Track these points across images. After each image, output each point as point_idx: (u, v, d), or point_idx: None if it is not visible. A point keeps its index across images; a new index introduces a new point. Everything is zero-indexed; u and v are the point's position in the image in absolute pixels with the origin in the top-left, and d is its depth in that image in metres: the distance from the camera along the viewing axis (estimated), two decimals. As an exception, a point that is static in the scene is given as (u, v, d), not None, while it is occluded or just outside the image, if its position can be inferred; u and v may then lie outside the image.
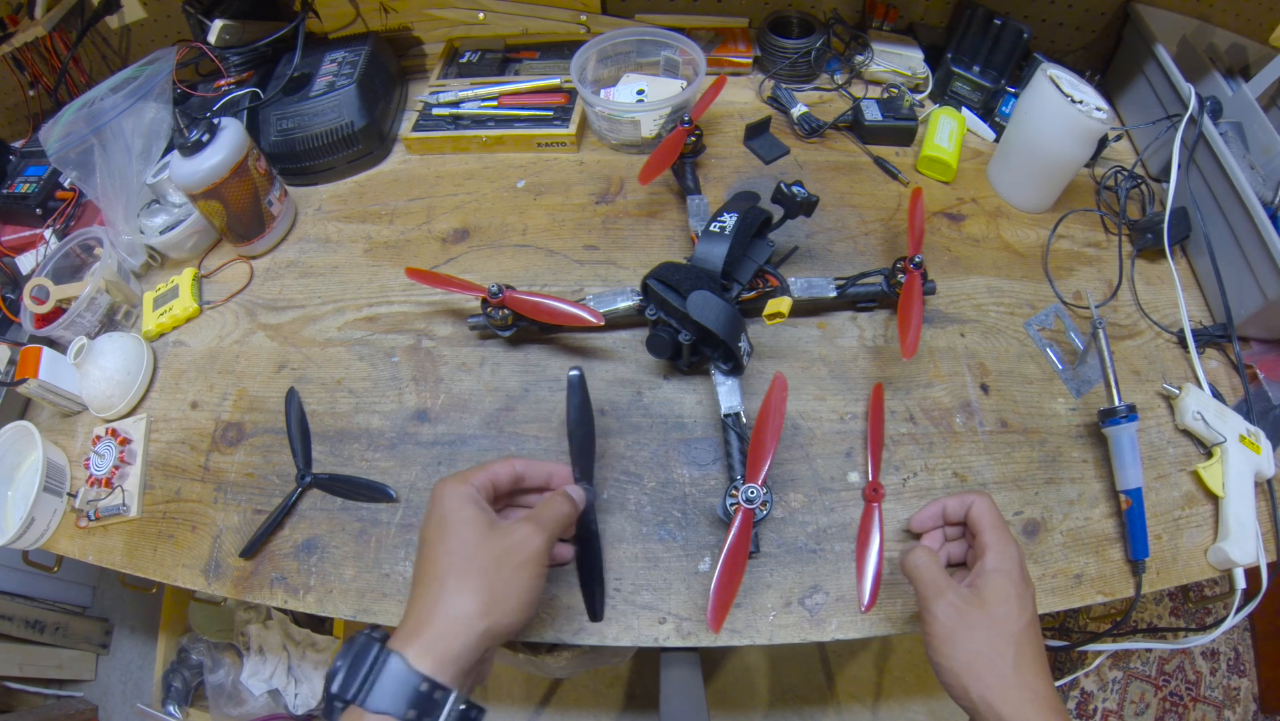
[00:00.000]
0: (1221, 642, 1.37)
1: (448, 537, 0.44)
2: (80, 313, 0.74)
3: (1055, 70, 0.75)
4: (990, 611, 0.45)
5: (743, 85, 0.97)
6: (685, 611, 0.59)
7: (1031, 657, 0.44)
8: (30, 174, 0.91)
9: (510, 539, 0.44)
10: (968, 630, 0.45)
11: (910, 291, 0.64)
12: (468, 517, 0.44)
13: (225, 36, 0.85)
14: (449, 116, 0.90)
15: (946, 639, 0.46)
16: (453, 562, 0.43)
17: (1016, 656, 0.44)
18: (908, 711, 1.28)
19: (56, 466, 0.69)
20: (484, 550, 0.43)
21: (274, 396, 0.72)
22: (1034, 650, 0.45)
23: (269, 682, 1.08)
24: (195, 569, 0.64)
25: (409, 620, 0.41)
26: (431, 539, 0.44)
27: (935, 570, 0.49)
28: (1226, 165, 0.71)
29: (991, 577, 0.47)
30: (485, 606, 0.41)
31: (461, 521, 0.44)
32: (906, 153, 0.89)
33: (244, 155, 0.74)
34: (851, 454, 0.65)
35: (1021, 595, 0.46)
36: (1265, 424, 0.67)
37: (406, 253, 0.82)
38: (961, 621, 0.46)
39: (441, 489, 0.46)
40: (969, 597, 0.46)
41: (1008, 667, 0.44)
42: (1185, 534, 0.63)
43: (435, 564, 0.43)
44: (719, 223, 0.65)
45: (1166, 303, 0.76)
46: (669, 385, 0.70)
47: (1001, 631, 0.45)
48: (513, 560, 0.43)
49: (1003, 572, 0.47)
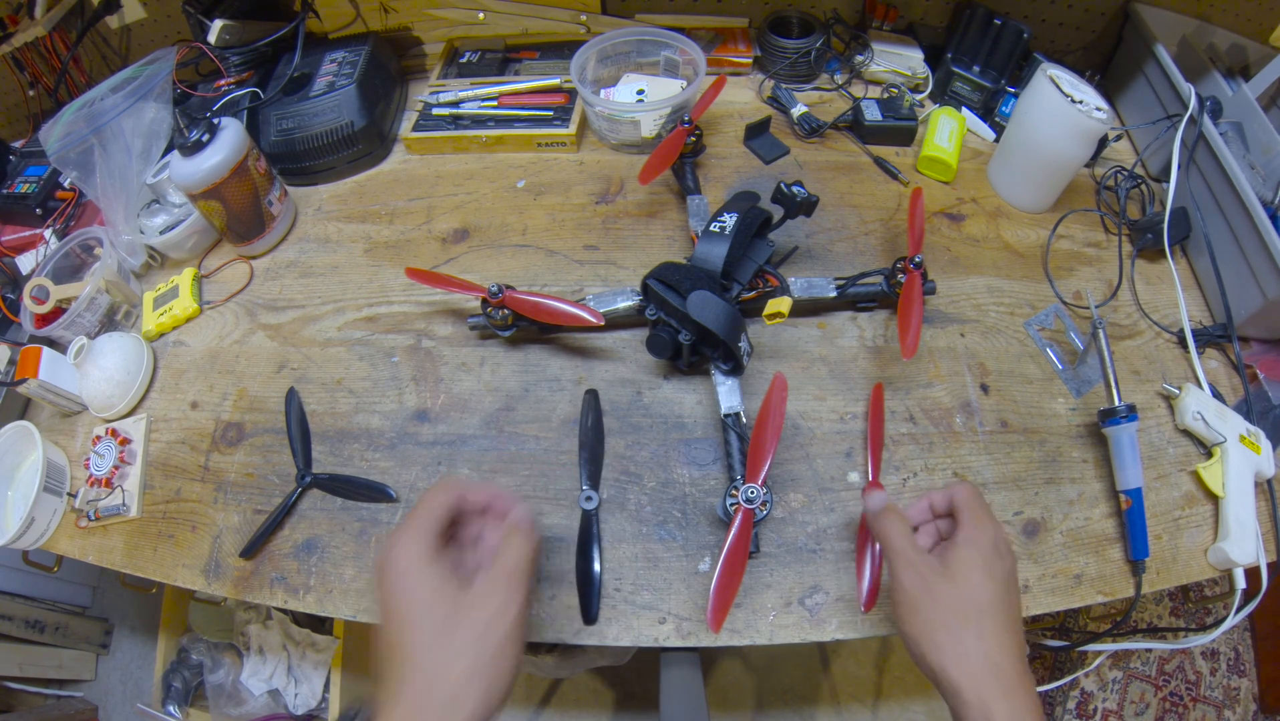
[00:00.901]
0: (1221, 642, 1.37)
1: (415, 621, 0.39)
2: (80, 313, 0.74)
3: (1055, 70, 0.75)
4: (955, 582, 0.45)
5: (743, 85, 0.97)
6: (685, 611, 0.59)
7: (995, 630, 0.44)
8: (30, 174, 0.91)
9: (488, 607, 0.40)
10: (931, 599, 0.45)
11: (910, 291, 0.64)
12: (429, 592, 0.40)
13: (225, 36, 0.85)
14: (449, 116, 0.90)
15: (911, 607, 0.46)
16: (430, 657, 0.38)
17: (978, 627, 0.44)
18: (907, 711, 1.28)
19: (56, 466, 0.69)
20: (463, 630, 0.39)
21: (274, 396, 0.72)
22: (1000, 623, 0.44)
23: (269, 682, 1.08)
24: (195, 569, 0.64)
25: None
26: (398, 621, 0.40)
27: (904, 539, 0.49)
28: (1226, 165, 0.71)
29: (960, 550, 0.47)
30: (484, 696, 0.38)
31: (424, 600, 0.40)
32: (906, 153, 0.89)
33: (244, 155, 0.74)
34: (851, 454, 0.65)
35: (990, 568, 0.46)
36: (1265, 424, 0.67)
37: (406, 253, 0.82)
38: (926, 591, 0.46)
39: (392, 557, 0.41)
40: (935, 568, 0.46)
41: (969, 638, 0.43)
42: (1185, 534, 0.63)
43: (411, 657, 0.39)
44: (719, 223, 0.65)
45: (1166, 303, 0.76)
46: (669, 385, 0.70)
47: (965, 602, 0.45)
48: (498, 632, 0.40)
49: (972, 544, 0.47)
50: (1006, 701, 0.41)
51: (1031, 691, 0.43)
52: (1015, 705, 0.41)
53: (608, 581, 0.60)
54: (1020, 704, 0.42)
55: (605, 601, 0.59)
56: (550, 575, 0.61)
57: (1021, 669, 0.43)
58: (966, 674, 0.42)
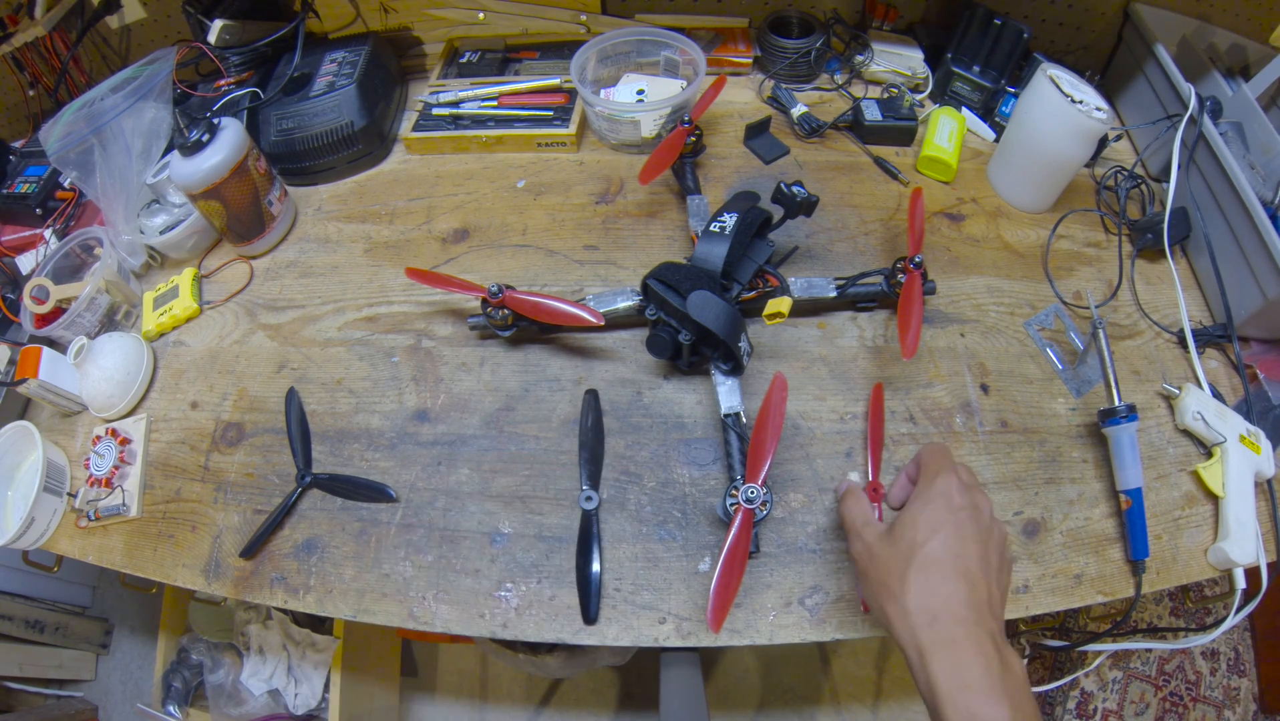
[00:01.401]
0: (1221, 642, 1.37)
1: None
2: (80, 312, 0.74)
3: (1055, 70, 0.75)
4: (895, 542, 0.45)
5: (743, 85, 0.97)
6: (685, 611, 0.59)
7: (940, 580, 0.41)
8: (30, 174, 0.91)
9: None
10: (874, 564, 0.45)
11: (910, 291, 0.64)
12: None
13: (225, 36, 0.85)
14: (449, 116, 0.90)
15: (861, 575, 0.46)
16: None
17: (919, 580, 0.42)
18: (907, 711, 1.28)
19: (56, 466, 0.69)
20: None
21: (274, 396, 0.72)
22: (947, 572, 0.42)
23: (269, 682, 1.08)
24: (195, 569, 0.64)
25: None
26: None
27: (856, 514, 0.49)
28: (1226, 165, 0.71)
29: (909, 508, 0.46)
30: None
31: None
32: (906, 153, 0.89)
33: (244, 155, 0.74)
34: (851, 454, 0.65)
35: (935, 519, 0.44)
36: (1265, 424, 0.67)
37: (406, 253, 0.82)
38: (871, 558, 0.46)
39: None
40: (879, 533, 0.46)
41: (910, 593, 0.42)
42: (1185, 534, 0.63)
43: None
44: (719, 223, 0.65)
45: (1166, 303, 0.76)
46: (669, 385, 0.70)
47: (902, 558, 0.43)
48: None
49: (917, 498, 0.46)
50: (944, 651, 0.39)
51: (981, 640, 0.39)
52: (955, 656, 0.39)
53: (608, 581, 0.60)
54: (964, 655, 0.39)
55: (605, 601, 0.59)
56: (550, 575, 0.61)
57: (971, 616, 0.40)
58: (906, 629, 0.41)
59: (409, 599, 0.60)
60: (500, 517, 0.64)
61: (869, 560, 0.46)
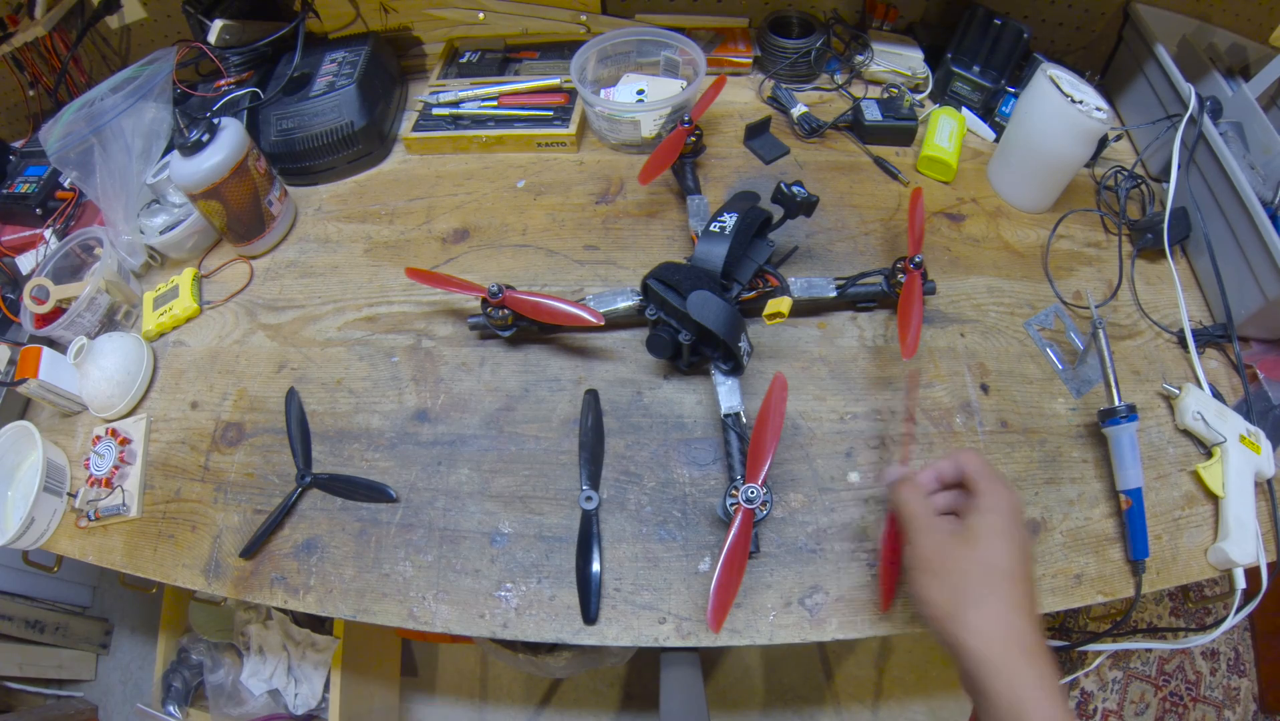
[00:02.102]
0: (1221, 642, 1.37)
1: None
2: (80, 313, 0.74)
3: (1055, 70, 0.75)
4: (978, 548, 0.45)
5: (743, 85, 0.97)
6: (685, 611, 0.59)
7: (1018, 597, 0.43)
8: (30, 174, 0.91)
9: None
10: (953, 565, 0.45)
11: (910, 291, 0.64)
12: None
13: (225, 36, 0.85)
14: (449, 116, 0.90)
15: (932, 573, 0.45)
16: None
17: (1002, 594, 0.43)
18: (907, 711, 1.28)
19: (56, 466, 0.69)
20: None
21: (274, 396, 0.72)
22: (1022, 590, 0.44)
23: (269, 682, 1.08)
24: (195, 569, 0.64)
25: None
26: None
27: (921, 505, 0.48)
28: (1226, 165, 0.71)
29: (984, 516, 0.46)
30: None
31: None
32: (906, 153, 0.89)
33: (244, 155, 0.74)
34: (852, 454, 0.65)
35: (1011, 535, 0.45)
36: (1265, 424, 0.67)
37: (406, 253, 0.82)
38: (947, 557, 0.45)
39: None
40: (957, 533, 0.46)
41: (993, 604, 0.43)
42: (1185, 534, 0.63)
43: None
44: (719, 223, 0.65)
45: (1166, 302, 0.76)
46: (669, 385, 0.70)
47: (988, 568, 0.44)
48: None
49: (993, 511, 0.46)
50: (1032, 668, 0.41)
51: (1052, 659, 0.43)
52: (1040, 671, 0.41)
53: (608, 581, 0.60)
54: (1044, 670, 0.41)
55: (605, 601, 0.59)
56: (550, 575, 0.61)
57: (1037, 635, 0.43)
58: (993, 640, 0.42)
59: (409, 599, 0.60)
60: (500, 517, 0.64)
61: (946, 559, 0.45)
